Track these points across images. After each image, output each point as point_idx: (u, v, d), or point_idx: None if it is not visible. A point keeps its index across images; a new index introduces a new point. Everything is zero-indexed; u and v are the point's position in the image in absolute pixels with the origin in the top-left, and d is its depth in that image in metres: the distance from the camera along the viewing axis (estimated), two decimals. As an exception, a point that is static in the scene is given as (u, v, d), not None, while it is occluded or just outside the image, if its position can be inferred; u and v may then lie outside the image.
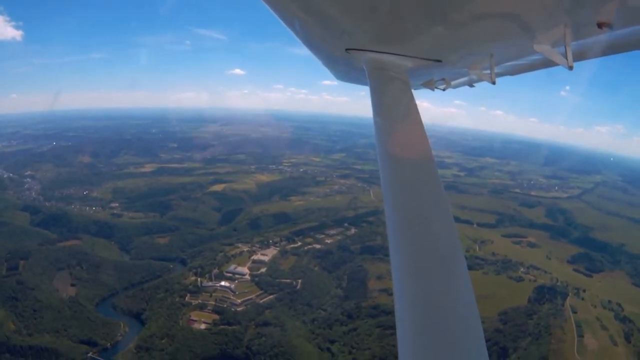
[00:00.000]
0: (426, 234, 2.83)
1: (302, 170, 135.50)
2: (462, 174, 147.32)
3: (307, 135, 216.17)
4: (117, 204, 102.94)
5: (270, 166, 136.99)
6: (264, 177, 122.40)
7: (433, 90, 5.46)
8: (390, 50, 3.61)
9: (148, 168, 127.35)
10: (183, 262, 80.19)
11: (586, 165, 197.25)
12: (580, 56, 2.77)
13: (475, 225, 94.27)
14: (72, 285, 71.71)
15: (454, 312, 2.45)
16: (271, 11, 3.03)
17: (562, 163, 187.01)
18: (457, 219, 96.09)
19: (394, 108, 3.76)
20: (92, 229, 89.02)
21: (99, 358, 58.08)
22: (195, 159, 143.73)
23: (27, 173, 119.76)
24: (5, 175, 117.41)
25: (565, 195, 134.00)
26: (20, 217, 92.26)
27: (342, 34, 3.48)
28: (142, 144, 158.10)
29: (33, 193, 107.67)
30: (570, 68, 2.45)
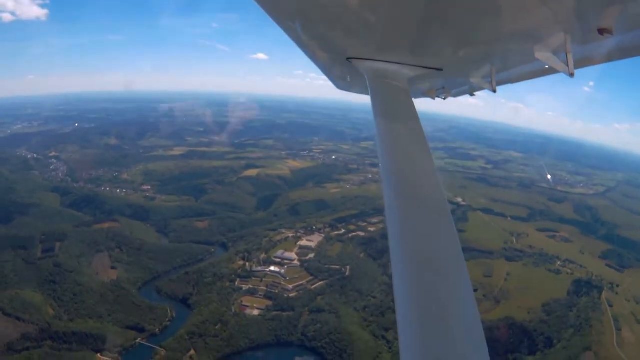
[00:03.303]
0: (428, 239, 2.76)
1: (333, 157, 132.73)
2: (489, 166, 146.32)
3: (331, 122, 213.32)
4: (148, 187, 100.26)
5: (302, 152, 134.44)
6: (297, 164, 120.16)
7: (434, 99, 5.48)
8: (391, 59, 3.57)
9: (177, 151, 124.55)
10: (224, 247, 77.53)
11: (607, 162, 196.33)
12: (581, 63, 2.74)
13: (509, 219, 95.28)
14: (113, 268, 68.63)
15: (454, 309, 2.40)
16: (273, 22, 3.02)
17: (584, 159, 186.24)
18: (491, 212, 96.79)
19: (394, 117, 3.60)
20: (127, 211, 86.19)
21: (149, 344, 54.94)
22: (224, 143, 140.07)
23: (51, 154, 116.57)
24: (29, 156, 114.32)
25: (591, 192, 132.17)
26: (50, 198, 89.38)
27: (343, 44, 3.57)
28: (167, 128, 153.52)
29: (60, 174, 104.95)
30: (572, 75, 2.41)
